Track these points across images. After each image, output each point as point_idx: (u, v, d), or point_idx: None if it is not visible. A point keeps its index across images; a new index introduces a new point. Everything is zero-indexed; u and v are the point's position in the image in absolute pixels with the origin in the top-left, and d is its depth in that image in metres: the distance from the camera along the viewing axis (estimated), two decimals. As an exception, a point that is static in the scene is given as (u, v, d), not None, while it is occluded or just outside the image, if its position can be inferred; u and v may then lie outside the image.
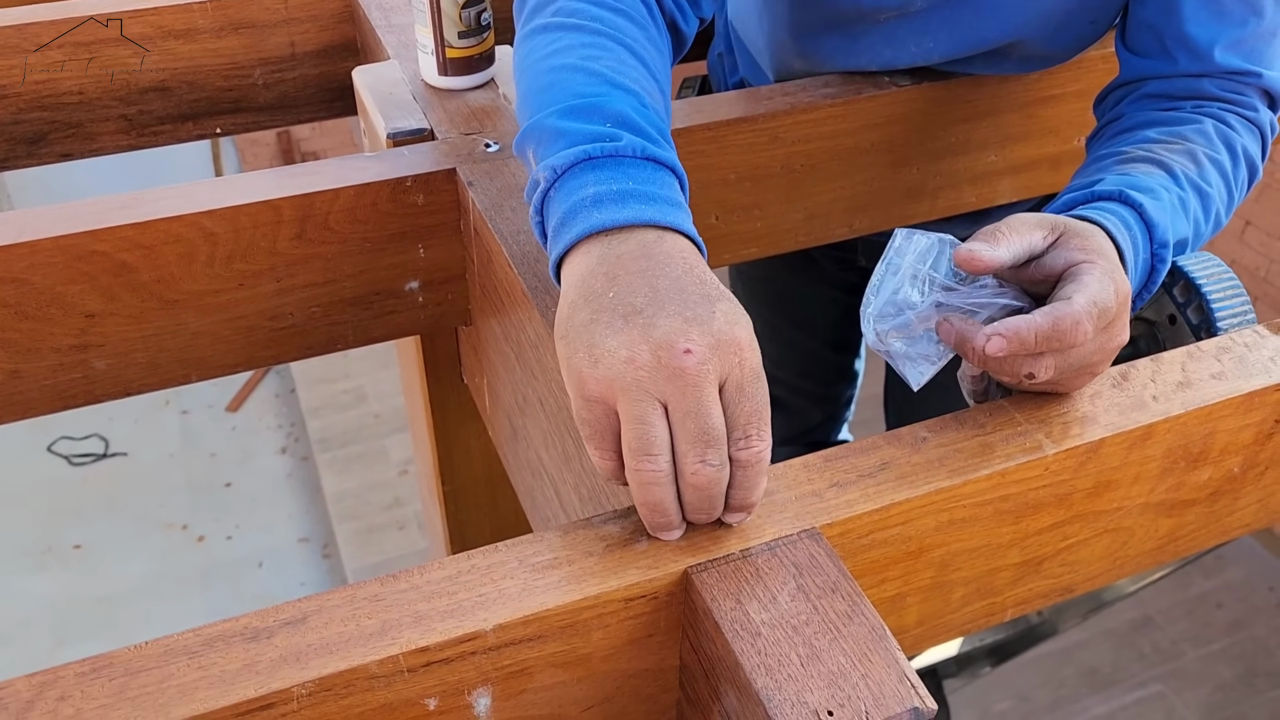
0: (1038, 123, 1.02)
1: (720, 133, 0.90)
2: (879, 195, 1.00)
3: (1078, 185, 0.71)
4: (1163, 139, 0.76)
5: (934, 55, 0.91)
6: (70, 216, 0.75)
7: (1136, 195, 0.67)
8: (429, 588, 0.51)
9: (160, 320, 0.80)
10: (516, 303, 0.73)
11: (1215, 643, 2.95)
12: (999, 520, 0.60)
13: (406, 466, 3.63)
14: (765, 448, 0.53)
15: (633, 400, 0.51)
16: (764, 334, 1.42)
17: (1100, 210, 0.66)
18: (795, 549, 0.53)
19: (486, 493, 1.11)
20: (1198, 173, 0.73)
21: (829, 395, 1.52)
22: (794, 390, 1.50)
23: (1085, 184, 0.70)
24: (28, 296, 0.75)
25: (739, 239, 0.97)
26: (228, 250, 0.78)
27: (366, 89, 0.92)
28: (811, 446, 1.57)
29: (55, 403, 0.81)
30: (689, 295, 0.54)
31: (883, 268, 0.60)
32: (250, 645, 0.48)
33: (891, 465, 0.58)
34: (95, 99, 1.06)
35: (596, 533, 0.54)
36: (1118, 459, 0.61)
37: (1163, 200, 0.68)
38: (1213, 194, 0.73)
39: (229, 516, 3.58)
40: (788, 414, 1.52)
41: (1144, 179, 0.70)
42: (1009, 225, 0.60)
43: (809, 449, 1.55)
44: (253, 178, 0.80)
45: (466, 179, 0.80)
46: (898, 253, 0.60)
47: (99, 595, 3.30)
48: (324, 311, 0.84)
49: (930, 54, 0.91)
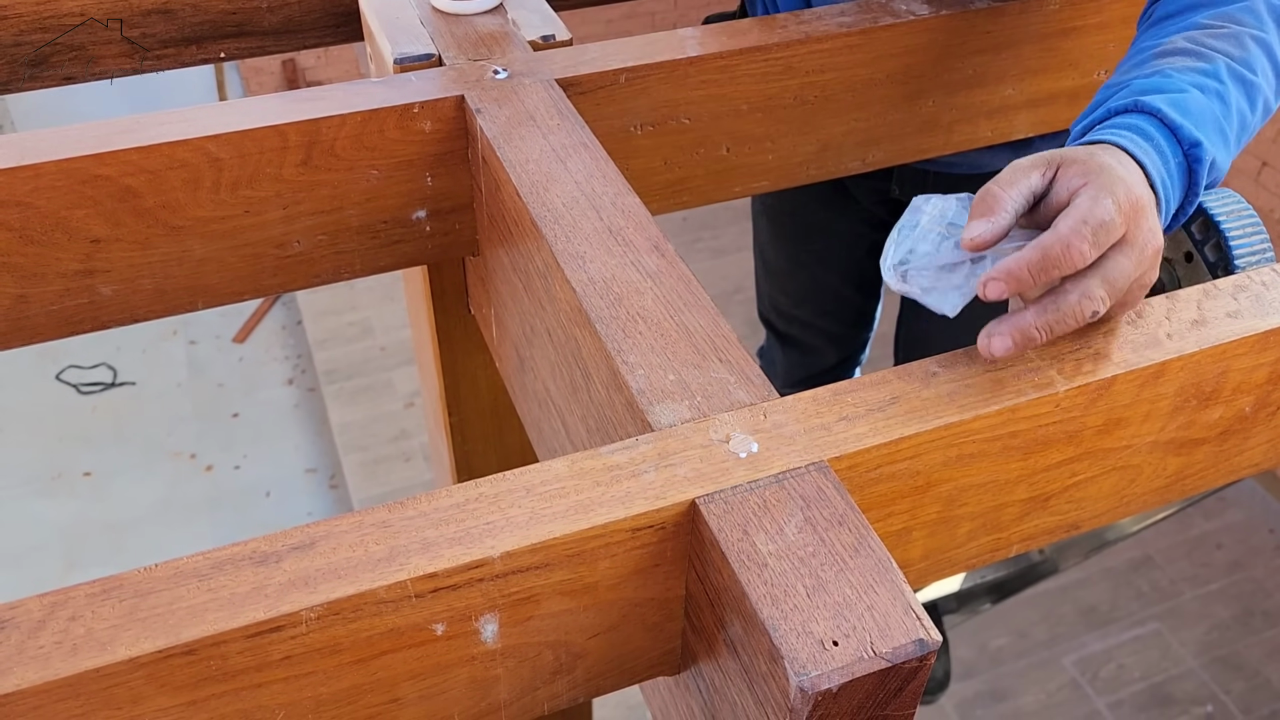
0: (1057, 55, 1.00)
1: (733, 62, 0.88)
2: (893, 128, 0.98)
3: (1099, 100, 0.70)
4: (1209, 23, 0.73)
5: None
6: (74, 140, 0.74)
7: (1154, 100, 0.65)
8: (437, 515, 0.51)
9: (166, 246, 0.79)
10: (525, 232, 0.72)
11: (1213, 583, 2.97)
12: (1007, 456, 0.60)
13: (412, 399, 3.64)
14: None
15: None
16: (786, 270, 1.42)
17: (1115, 130, 0.64)
18: (803, 481, 0.53)
19: (493, 423, 1.11)
20: (1241, 58, 0.70)
21: (847, 336, 1.52)
22: (813, 329, 1.49)
23: (1103, 99, 0.69)
24: (32, 220, 0.74)
25: (749, 171, 0.96)
26: (233, 176, 0.77)
27: (373, 13, 0.91)
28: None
29: (62, 328, 0.81)
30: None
31: (900, 228, 0.59)
32: (259, 569, 0.48)
33: (901, 399, 0.57)
34: (98, 20, 1.04)
35: (604, 462, 0.54)
36: (1129, 397, 0.60)
37: (1189, 96, 0.66)
38: (1258, 82, 0.70)
39: (236, 446, 3.60)
40: (803, 353, 1.52)
41: (1168, 79, 0.67)
42: (1004, 182, 0.60)
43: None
44: (258, 102, 0.79)
45: (475, 106, 0.79)
46: (914, 211, 0.59)
47: (108, 521, 3.34)
48: (330, 240, 0.84)
49: None
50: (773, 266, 1.45)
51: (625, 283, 0.64)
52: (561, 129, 0.77)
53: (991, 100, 1.00)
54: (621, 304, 0.63)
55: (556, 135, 0.76)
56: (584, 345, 0.64)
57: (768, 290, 1.49)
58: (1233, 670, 2.77)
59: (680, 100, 0.88)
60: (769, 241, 1.42)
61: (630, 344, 0.61)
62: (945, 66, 0.96)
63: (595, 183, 0.72)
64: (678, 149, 0.91)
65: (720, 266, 4.07)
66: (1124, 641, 2.83)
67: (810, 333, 1.49)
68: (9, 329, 0.79)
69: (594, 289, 0.64)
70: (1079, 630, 2.86)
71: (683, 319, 0.62)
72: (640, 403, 0.57)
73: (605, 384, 0.62)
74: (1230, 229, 0.66)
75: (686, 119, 0.90)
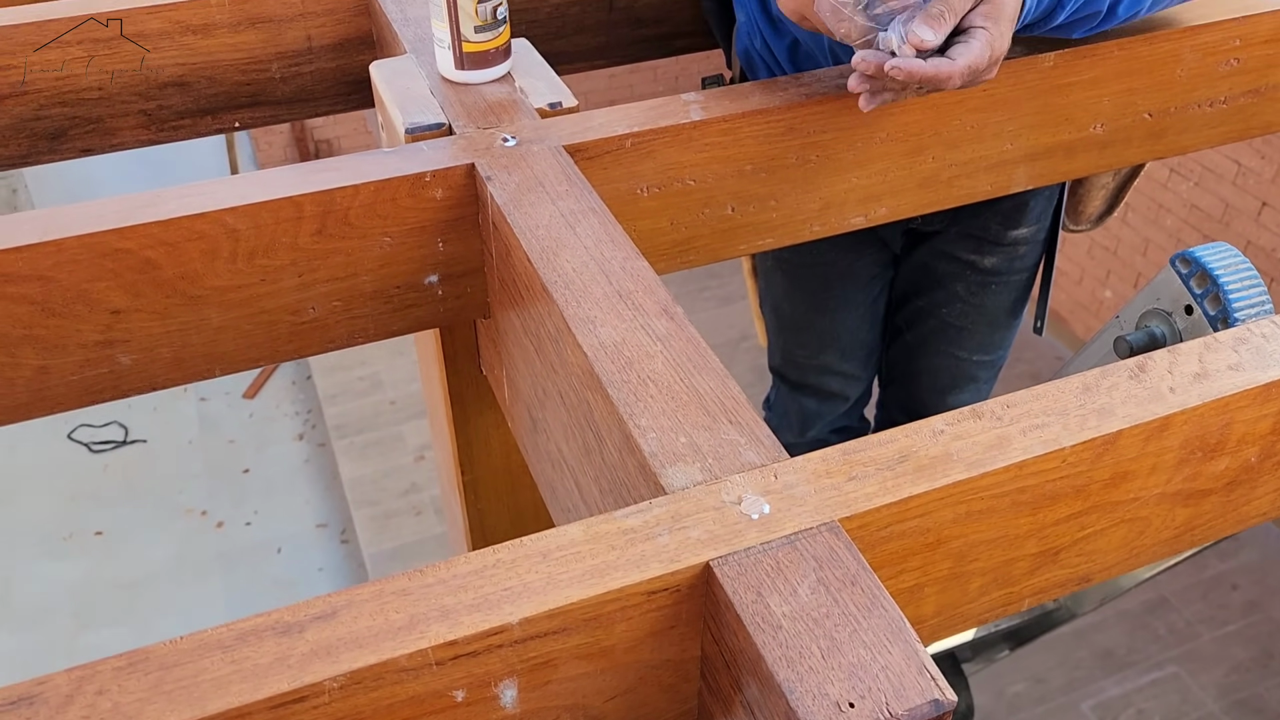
0: (1053, 111, 1.02)
1: (736, 124, 0.90)
2: (894, 184, 1.00)
3: None
4: None
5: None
6: (95, 215, 0.76)
7: None
8: (455, 582, 0.52)
9: (184, 316, 0.81)
10: (536, 297, 0.73)
11: (1231, 624, 2.95)
12: (1016, 511, 0.60)
13: (422, 452, 3.65)
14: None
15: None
16: (806, 320, 1.44)
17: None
18: (815, 542, 0.54)
19: (505, 481, 1.12)
20: None
21: (862, 376, 1.54)
22: (831, 374, 1.51)
23: None
24: (54, 294, 0.76)
25: (754, 229, 0.97)
26: (250, 246, 0.79)
27: (384, 83, 0.93)
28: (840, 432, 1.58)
29: (83, 398, 0.82)
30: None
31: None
32: (282, 639, 0.49)
33: (909, 458, 0.58)
34: (115, 94, 1.07)
35: (618, 526, 0.55)
36: (1135, 450, 0.61)
37: None
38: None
39: (247, 502, 3.61)
40: (821, 400, 1.54)
41: None
42: (950, 6, 0.79)
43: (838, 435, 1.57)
44: (274, 174, 0.81)
45: (485, 174, 0.81)
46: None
47: (120, 580, 3.34)
48: (345, 305, 0.85)
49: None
50: (789, 320, 1.47)
51: (636, 346, 0.66)
52: (570, 194, 0.79)
53: (990, 155, 1.02)
54: (632, 368, 0.64)
55: (565, 201, 0.78)
56: (596, 408, 0.66)
57: (782, 344, 1.50)
58: (1253, 714, 2.74)
59: (685, 163, 0.90)
60: (785, 295, 1.44)
61: (642, 407, 0.62)
62: (944, 124, 0.98)
63: (604, 247, 0.74)
64: (683, 210, 0.93)
65: (726, 315, 4.09)
66: (1142, 685, 2.80)
67: (828, 378, 1.50)
68: (31, 399, 0.81)
69: (605, 353, 0.65)
70: (1096, 675, 2.83)
71: (693, 382, 0.63)
72: (653, 465, 0.58)
73: (618, 447, 0.63)
74: (1229, 282, 0.67)
75: (691, 180, 0.92)
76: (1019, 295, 1.38)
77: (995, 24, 0.81)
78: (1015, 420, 0.60)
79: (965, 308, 1.36)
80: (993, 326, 1.39)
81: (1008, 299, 1.37)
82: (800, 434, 1.55)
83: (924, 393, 1.49)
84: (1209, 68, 1.06)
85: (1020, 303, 1.40)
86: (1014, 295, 1.37)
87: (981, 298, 1.35)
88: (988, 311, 1.37)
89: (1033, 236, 1.30)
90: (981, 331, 1.39)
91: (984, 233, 1.30)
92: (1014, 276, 1.34)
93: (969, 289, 1.35)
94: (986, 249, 1.31)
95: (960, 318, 1.38)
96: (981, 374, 1.45)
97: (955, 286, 1.35)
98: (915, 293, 1.41)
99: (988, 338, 1.40)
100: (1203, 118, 1.10)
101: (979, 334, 1.39)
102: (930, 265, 1.36)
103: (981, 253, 1.32)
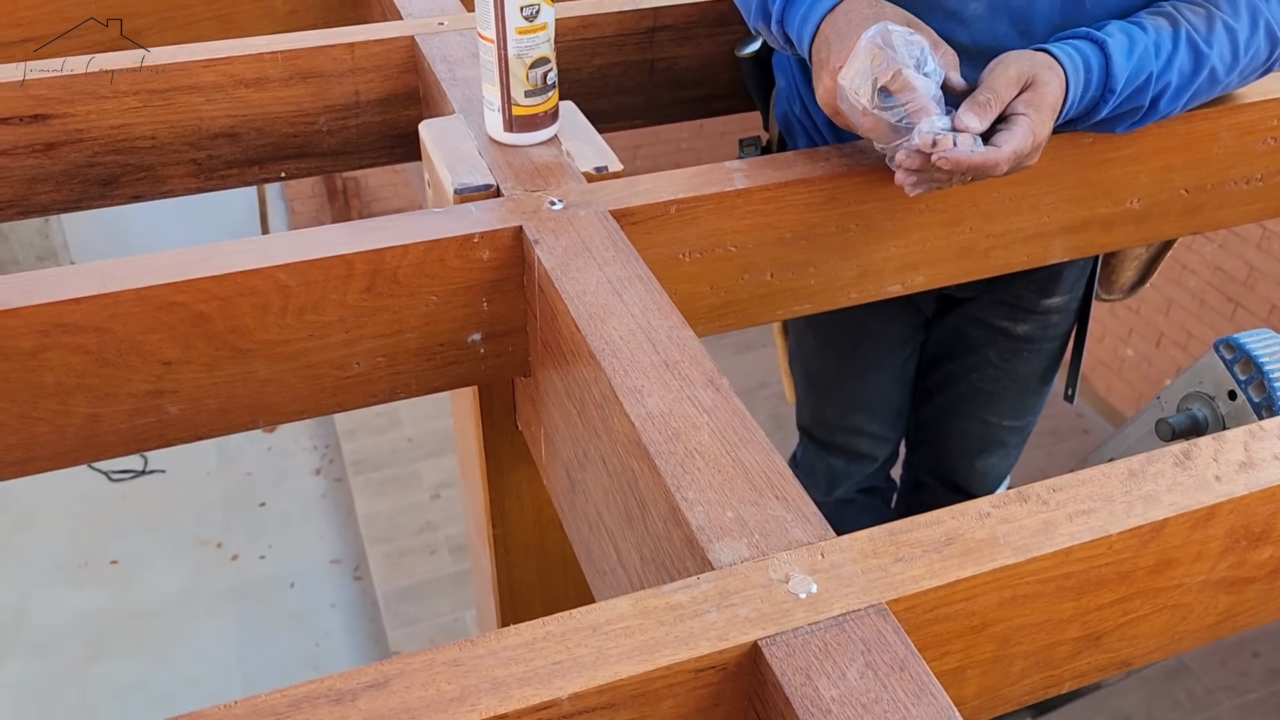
0: (1091, 186, 1.03)
1: (778, 193, 0.91)
2: (932, 254, 1.01)
3: (1084, 30, 0.92)
4: (1191, 2, 0.94)
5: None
6: (152, 268, 0.78)
7: (1112, 44, 0.89)
8: (506, 654, 0.52)
9: (232, 368, 0.82)
10: (581, 361, 0.74)
11: (1252, 692, 2.91)
12: (1061, 596, 0.61)
13: (439, 490, 3.65)
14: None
15: None
16: (837, 381, 1.45)
17: (1068, 45, 0.89)
18: (863, 624, 0.54)
19: (535, 535, 1.12)
20: (1205, 34, 0.92)
21: (891, 437, 1.54)
22: (860, 435, 1.51)
23: (1083, 32, 0.91)
24: (109, 344, 0.77)
25: (793, 295, 0.98)
26: (300, 302, 0.81)
27: (433, 143, 0.95)
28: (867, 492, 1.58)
29: (130, 445, 0.83)
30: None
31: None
32: (335, 707, 0.49)
33: (956, 540, 0.58)
34: (167, 143, 1.09)
35: (666, 601, 0.55)
36: (1180, 538, 0.61)
37: (1137, 46, 0.89)
38: (1209, 54, 0.92)
39: (262, 536, 3.61)
40: (849, 460, 1.54)
41: (1133, 26, 0.91)
42: (995, 94, 0.83)
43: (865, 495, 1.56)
44: (326, 232, 0.82)
45: (532, 237, 0.82)
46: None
47: (134, 610, 3.34)
48: (389, 361, 0.87)
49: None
50: (819, 380, 1.48)
51: (682, 417, 0.66)
52: (617, 260, 0.80)
53: (1028, 227, 1.03)
54: (679, 439, 0.65)
55: (612, 267, 0.79)
56: (641, 478, 0.66)
57: (812, 403, 1.51)
58: (1275, 785, 2.69)
59: (727, 229, 0.91)
60: (816, 355, 1.45)
61: (689, 480, 0.62)
62: (983, 196, 0.99)
63: (651, 315, 0.75)
64: (724, 275, 0.94)
65: (744, 362, 4.10)
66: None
67: (857, 439, 1.50)
68: (79, 446, 0.82)
69: (652, 423, 0.66)
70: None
71: (739, 455, 0.64)
72: (700, 540, 0.59)
73: (663, 518, 0.64)
74: (1273, 370, 0.67)
75: (733, 246, 0.93)
76: (1050, 362, 1.38)
77: (1038, 111, 0.84)
78: (1061, 505, 0.61)
79: (996, 373, 1.37)
80: (1023, 392, 1.39)
81: (1039, 366, 1.37)
82: (827, 493, 1.55)
83: (952, 456, 1.49)
84: (1246, 146, 1.07)
85: (1051, 370, 1.40)
86: (1045, 362, 1.37)
87: (1013, 364, 1.36)
88: (1019, 378, 1.37)
89: (1066, 305, 1.31)
90: (1012, 397, 1.39)
91: (1018, 300, 1.31)
92: (1046, 344, 1.35)
93: (1001, 355, 1.35)
94: (1020, 316, 1.32)
95: (991, 383, 1.38)
96: (1011, 439, 1.45)
97: (987, 352, 1.36)
98: (947, 356, 1.41)
99: (1018, 403, 1.40)
100: (1239, 194, 1.11)
101: (1009, 399, 1.39)
102: (963, 330, 1.37)
103: (1014, 320, 1.32)
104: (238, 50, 1.06)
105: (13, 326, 0.75)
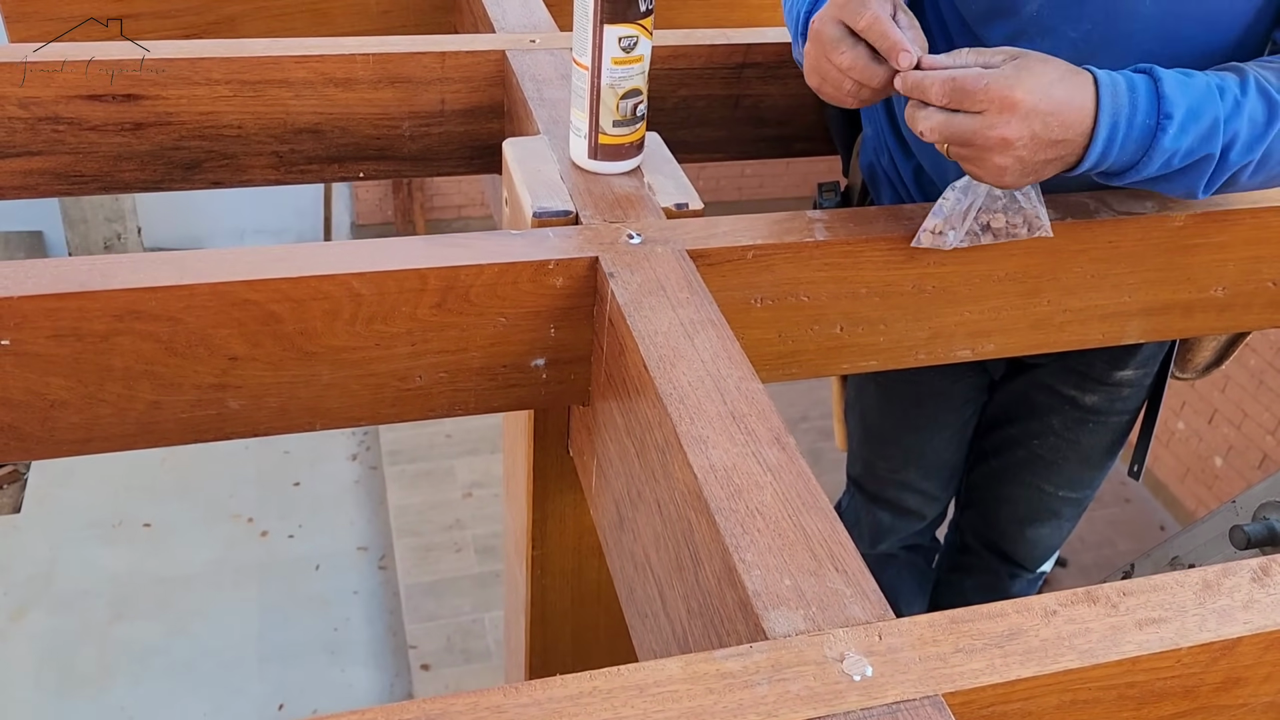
0: (1176, 269, 1.00)
1: (857, 248, 0.90)
2: (1006, 323, 0.99)
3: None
4: (1271, 60, 0.88)
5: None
6: (229, 264, 0.78)
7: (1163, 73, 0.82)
8: (551, 705, 0.51)
9: (297, 370, 0.82)
10: (647, 402, 0.73)
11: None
12: (1121, 705, 0.59)
13: (471, 489, 3.66)
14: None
15: None
16: (893, 435, 1.43)
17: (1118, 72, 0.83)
18: (917, 715, 0.52)
19: (573, 560, 1.11)
20: (1277, 85, 0.84)
21: (941, 497, 1.51)
22: (911, 492, 1.49)
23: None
24: (179, 335, 0.78)
25: (860, 350, 0.97)
26: (370, 311, 0.81)
27: (515, 162, 0.95)
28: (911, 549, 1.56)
29: (187, 435, 0.84)
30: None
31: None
32: (375, 743, 0.49)
33: (1019, 636, 0.57)
34: (252, 134, 1.10)
35: (717, 668, 0.54)
36: (1253, 658, 0.59)
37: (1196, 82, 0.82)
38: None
39: (293, 515, 3.64)
40: (896, 515, 1.52)
41: (1193, 75, 0.83)
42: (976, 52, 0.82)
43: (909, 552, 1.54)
44: (402, 244, 0.82)
45: (608, 269, 0.81)
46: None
47: (161, 575, 3.37)
48: (450, 378, 0.86)
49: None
50: (876, 432, 1.45)
51: (746, 474, 0.65)
52: (691, 303, 0.79)
53: (1106, 305, 1.01)
54: (741, 497, 0.64)
55: (686, 309, 0.78)
56: (698, 530, 0.65)
57: (865, 454, 1.49)
58: None
59: (802, 279, 0.90)
60: (875, 407, 1.43)
61: (748, 540, 0.61)
62: (1065, 270, 0.97)
63: (721, 363, 0.74)
64: (793, 324, 0.93)
65: (788, 392, 4.07)
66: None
67: (908, 495, 1.48)
68: (138, 432, 0.82)
69: (715, 477, 0.65)
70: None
71: (801, 520, 0.63)
72: (755, 605, 0.58)
73: (717, 575, 0.63)
74: (1361, 490, 0.65)
75: (805, 297, 0.92)
76: (1117, 437, 1.35)
77: (1014, 61, 0.79)
78: (1131, 610, 0.59)
79: (1059, 442, 1.34)
80: (1084, 465, 1.36)
81: (1105, 439, 1.34)
82: (871, 546, 1.53)
83: (1003, 521, 1.46)
84: (1340, 243, 1.04)
85: (1117, 445, 1.37)
86: (1112, 436, 1.34)
87: (1077, 434, 1.33)
88: (1081, 449, 1.34)
89: (1138, 380, 1.28)
90: (1072, 468, 1.36)
91: (1089, 370, 1.28)
92: (1114, 418, 1.31)
93: (1065, 424, 1.32)
94: (1089, 386, 1.29)
95: (1051, 451, 1.35)
96: (1065, 510, 1.42)
97: (1051, 420, 1.33)
98: (1008, 420, 1.39)
99: (1077, 475, 1.37)
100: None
101: (1069, 470, 1.36)
102: (1028, 395, 1.34)
103: (1084, 389, 1.29)
104: (330, 49, 1.07)
105: (89, 308, 0.75)
